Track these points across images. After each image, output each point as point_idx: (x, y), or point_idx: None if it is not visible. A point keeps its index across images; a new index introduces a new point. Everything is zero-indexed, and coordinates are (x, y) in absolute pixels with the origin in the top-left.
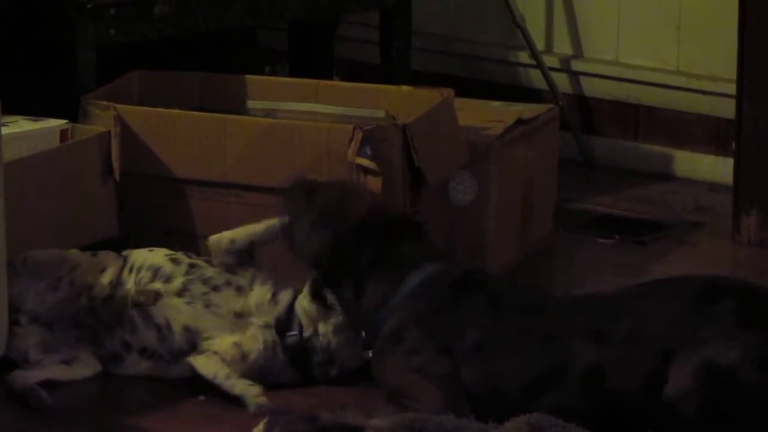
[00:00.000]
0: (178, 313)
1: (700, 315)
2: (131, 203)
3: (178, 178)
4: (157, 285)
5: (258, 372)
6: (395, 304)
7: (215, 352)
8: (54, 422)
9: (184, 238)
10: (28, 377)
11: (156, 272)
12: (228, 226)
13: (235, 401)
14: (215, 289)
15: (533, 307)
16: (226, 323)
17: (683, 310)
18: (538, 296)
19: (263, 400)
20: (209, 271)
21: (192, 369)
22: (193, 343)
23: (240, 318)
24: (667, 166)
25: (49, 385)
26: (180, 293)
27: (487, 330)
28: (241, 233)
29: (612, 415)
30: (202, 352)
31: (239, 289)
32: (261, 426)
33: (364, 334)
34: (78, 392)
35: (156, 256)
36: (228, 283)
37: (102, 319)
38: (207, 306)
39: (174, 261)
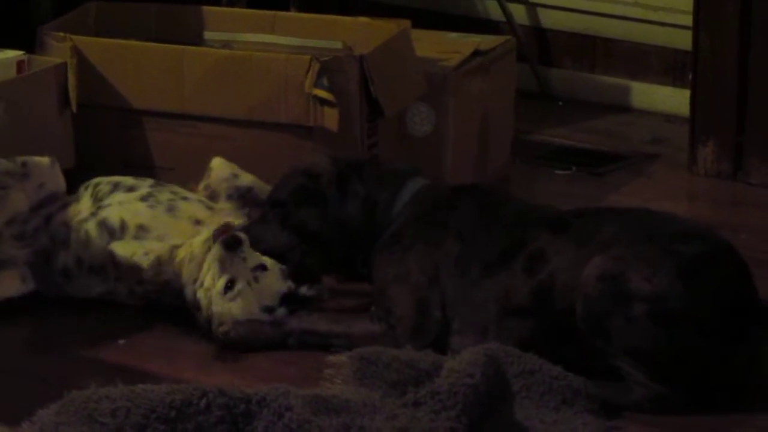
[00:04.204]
0: (135, 214)
1: (653, 243)
2: (88, 135)
3: (135, 109)
4: (119, 195)
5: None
6: (395, 211)
7: (135, 238)
8: None
9: (141, 170)
10: None
11: (116, 185)
12: (184, 158)
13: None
14: (185, 199)
15: (511, 206)
16: (182, 226)
17: (646, 236)
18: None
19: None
20: (183, 191)
21: (112, 256)
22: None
23: (198, 225)
24: (624, 97)
25: None
26: (144, 198)
27: (471, 232)
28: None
29: (551, 309)
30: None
31: (209, 208)
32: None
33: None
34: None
35: (120, 177)
36: (200, 201)
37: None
38: (169, 210)
39: (139, 178)
